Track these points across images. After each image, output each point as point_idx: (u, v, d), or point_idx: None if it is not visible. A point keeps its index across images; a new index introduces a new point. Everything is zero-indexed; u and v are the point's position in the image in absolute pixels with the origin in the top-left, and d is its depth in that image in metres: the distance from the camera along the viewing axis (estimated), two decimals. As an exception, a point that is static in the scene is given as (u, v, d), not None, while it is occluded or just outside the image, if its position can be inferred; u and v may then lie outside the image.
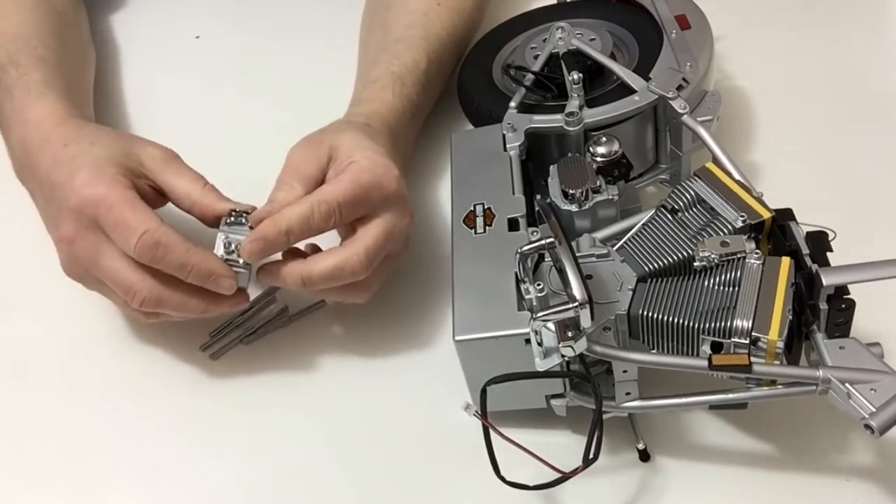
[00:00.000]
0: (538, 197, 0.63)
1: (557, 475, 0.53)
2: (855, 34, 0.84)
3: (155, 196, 0.62)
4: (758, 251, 0.53)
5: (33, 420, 0.63)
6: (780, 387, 0.52)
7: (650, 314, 0.53)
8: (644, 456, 0.58)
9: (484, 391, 0.53)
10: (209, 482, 0.60)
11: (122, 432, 0.62)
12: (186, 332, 0.66)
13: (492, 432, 0.53)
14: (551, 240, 0.53)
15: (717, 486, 0.57)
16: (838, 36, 0.84)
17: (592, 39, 0.71)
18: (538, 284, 0.53)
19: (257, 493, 0.59)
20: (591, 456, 0.52)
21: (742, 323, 0.50)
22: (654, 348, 0.55)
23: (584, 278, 0.50)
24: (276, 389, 0.64)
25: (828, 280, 0.51)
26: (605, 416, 0.56)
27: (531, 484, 0.53)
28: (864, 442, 0.58)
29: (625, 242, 0.58)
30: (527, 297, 0.54)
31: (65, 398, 0.64)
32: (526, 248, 0.54)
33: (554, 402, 0.58)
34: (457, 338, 0.55)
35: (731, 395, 0.53)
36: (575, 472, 0.52)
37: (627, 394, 0.55)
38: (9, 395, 0.65)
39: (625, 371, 0.54)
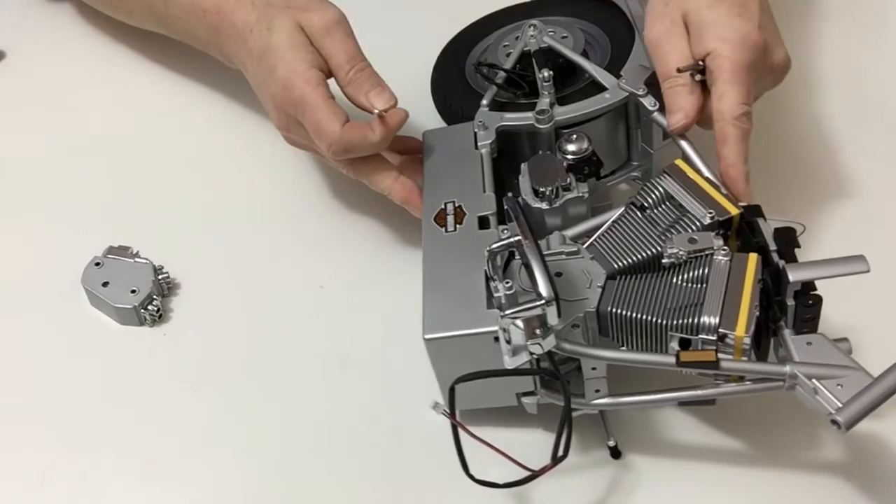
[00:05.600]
0: (509, 195, 0.63)
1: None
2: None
3: (328, 68, 0.66)
4: (725, 248, 0.53)
5: (34, 420, 0.63)
6: (748, 383, 0.52)
7: (619, 311, 0.53)
8: (615, 453, 0.58)
9: (452, 390, 0.52)
10: (209, 482, 0.60)
11: (123, 432, 0.62)
12: (186, 333, 0.67)
13: (461, 431, 0.53)
14: (520, 238, 0.53)
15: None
16: (833, 34, 0.84)
17: (565, 37, 0.71)
18: (507, 282, 0.53)
19: (257, 492, 0.59)
20: (560, 454, 0.52)
21: (709, 319, 0.50)
22: (623, 345, 0.55)
23: (551, 276, 0.50)
24: (277, 390, 0.64)
25: (794, 276, 0.51)
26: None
27: (501, 482, 0.53)
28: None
29: (595, 240, 0.58)
30: (496, 295, 0.54)
31: (65, 398, 0.64)
32: (495, 246, 0.54)
33: (525, 399, 0.57)
34: (426, 336, 0.55)
35: (699, 392, 0.53)
36: (544, 470, 0.52)
37: (597, 391, 0.55)
38: (9, 394, 0.65)
39: (593, 368, 0.54)
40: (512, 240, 0.54)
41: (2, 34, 0.89)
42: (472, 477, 0.53)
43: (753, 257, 0.52)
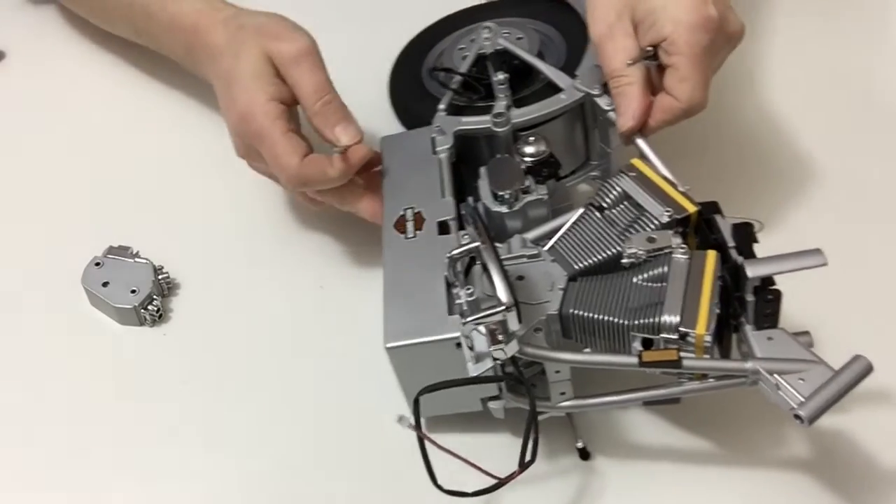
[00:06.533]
0: (469, 200, 0.62)
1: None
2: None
3: (293, 97, 0.65)
4: (684, 246, 0.53)
5: (34, 419, 0.63)
6: (711, 380, 0.52)
7: (580, 313, 0.53)
8: (584, 454, 0.58)
9: (417, 402, 0.52)
10: (209, 482, 0.59)
11: (123, 432, 0.62)
12: (186, 333, 0.67)
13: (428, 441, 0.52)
14: (479, 243, 0.53)
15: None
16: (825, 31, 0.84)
17: (520, 38, 0.71)
18: (468, 288, 0.53)
19: (257, 492, 0.59)
20: (527, 459, 0.52)
21: (670, 318, 0.50)
22: (587, 347, 0.55)
23: (510, 281, 0.50)
24: (277, 390, 0.64)
25: (752, 272, 0.51)
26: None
27: (470, 491, 0.53)
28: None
29: (555, 242, 0.58)
30: (457, 301, 0.53)
31: (65, 398, 0.64)
32: (455, 252, 0.54)
33: (491, 404, 0.57)
34: (387, 345, 0.54)
35: (663, 391, 0.53)
36: (512, 477, 0.52)
37: (562, 393, 0.55)
38: (10, 394, 0.64)
39: (557, 371, 0.54)
40: (471, 245, 0.53)
41: (2, 34, 0.89)
42: (440, 487, 0.52)
43: (712, 254, 0.52)
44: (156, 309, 0.67)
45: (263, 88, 0.64)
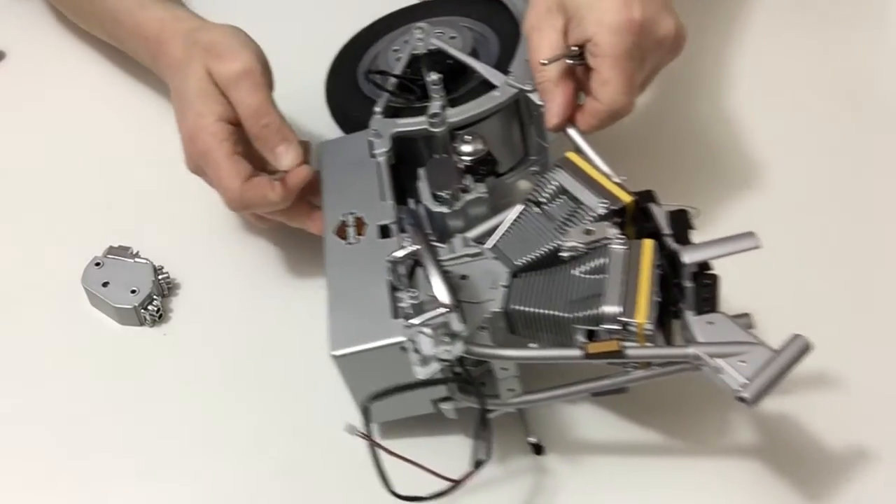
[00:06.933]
0: (410, 201, 0.62)
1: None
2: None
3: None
4: (621, 236, 0.53)
5: (33, 419, 0.63)
6: (655, 368, 0.53)
7: (524, 309, 0.54)
8: (537, 449, 0.59)
9: (366, 409, 0.52)
10: (209, 482, 0.59)
11: (122, 432, 0.62)
12: (186, 333, 0.67)
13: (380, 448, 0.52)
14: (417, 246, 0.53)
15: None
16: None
17: (453, 38, 0.71)
18: (411, 291, 0.53)
19: (257, 492, 0.59)
20: (480, 458, 0.52)
21: (610, 309, 0.51)
22: (534, 342, 0.55)
23: (450, 281, 0.50)
24: (277, 390, 0.63)
25: (688, 258, 0.51)
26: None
27: (426, 495, 0.53)
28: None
29: (496, 240, 0.58)
30: (401, 305, 0.53)
31: (65, 398, 0.64)
32: (395, 255, 0.54)
33: (443, 405, 0.57)
34: (333, 353, 0.54)
35: (609, 382, 0.53)
36: (466, 478, 0.52)
37: (511, 390, 0.55)
38: (9, 394, 0.64)
39: (504, 368, 0.54)
40: (412, 248, 0.53)
41: (2, 34, 0.88)
42: (395, 493, 0.52)
43: (649, 243, 0.53)
44: (156, 309, 0.67)
45: (210, 108, 0.63)
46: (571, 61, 0.60)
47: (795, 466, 0.57)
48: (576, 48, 0.60)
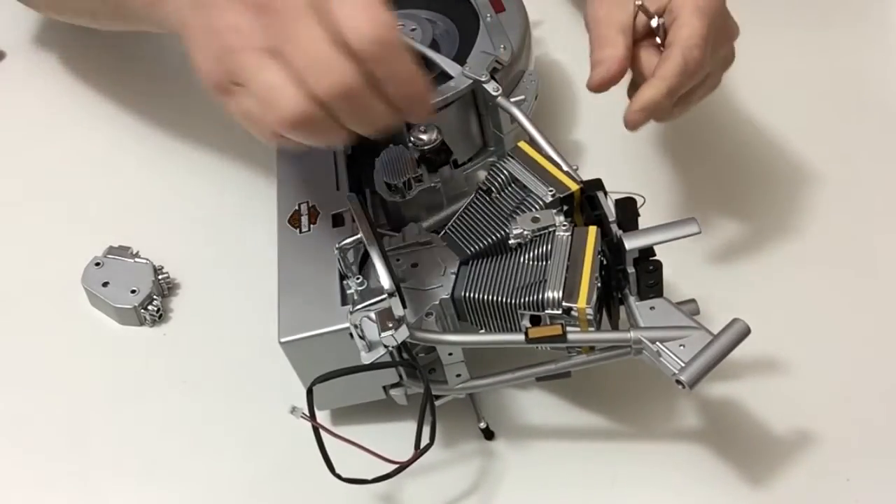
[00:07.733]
0: (367, 191, 0.63)
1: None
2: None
3: None
4: (566, 223, 0.54)
5: (33, 419, 0.63)
6: (598, 352, 0.53)
7: (471, 295, 0.54)
8: (488, 434, 0.59)
9: (310, 391, 0.52)
10: (209, 482, 0.59)
11: (122, 432, 0.62)
12: (186, 333, 0.67)
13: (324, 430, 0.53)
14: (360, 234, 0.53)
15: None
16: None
17: (413, 30, 0.72)
18: (358, 278, 0.53)
19: (256, 492, 0.59)
20: (424, 443, 0.53)
21: (553, 294, 0.51)
22: (482, 328, 0.56)
23: (392, 268, 0.50)
24: (277, 390, 0.63)
25: (630, 244, 0.52)
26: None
27: (370, 477, 0.53)
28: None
29: (448, 228, 0.59)
30: (348, 291, 0.54)
31: (65, 398, 0.64)
32: (344, 242, 0.55)
33: (393, 391, 0.58)
34: (281, 339, 0.55)
35: (552, 366, 0.54)
36: (411, 461, 0.53)
37: (458, 375, 0.56)
38: (9, 394, 0.64)
39: (450, 354, 0.54)
40: (356, 236, 0.54)
41: (2, 34, 0.88)
42: (339, 476, 0.53)
43: (592, 230, 0.54)
44: (156, 309, 0.67)
45: None
46: (646, 18, 0.59)
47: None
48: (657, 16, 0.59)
